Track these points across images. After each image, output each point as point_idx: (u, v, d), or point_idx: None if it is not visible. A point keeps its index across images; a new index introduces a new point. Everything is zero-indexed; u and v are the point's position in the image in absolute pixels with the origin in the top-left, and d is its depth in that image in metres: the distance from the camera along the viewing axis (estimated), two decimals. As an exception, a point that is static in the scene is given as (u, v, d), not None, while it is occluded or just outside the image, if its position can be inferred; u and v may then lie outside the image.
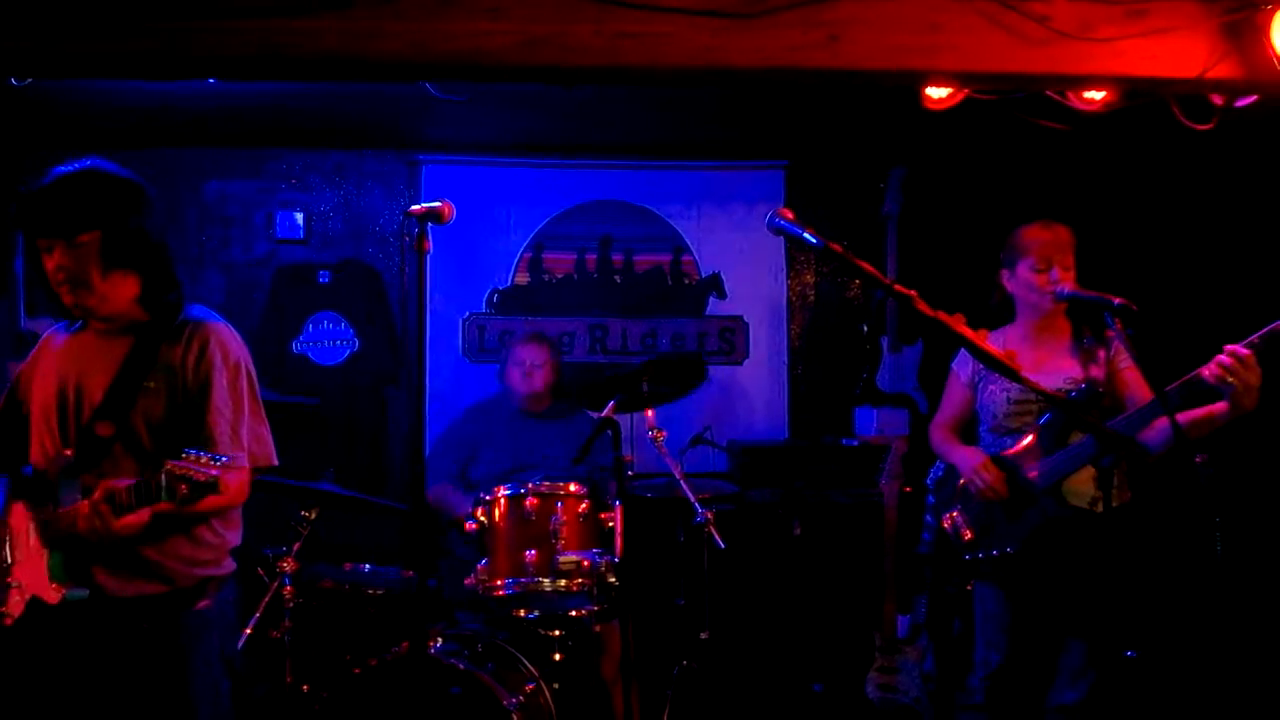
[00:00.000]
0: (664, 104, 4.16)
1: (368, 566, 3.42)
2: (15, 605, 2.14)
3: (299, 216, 4.62)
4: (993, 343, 2.52)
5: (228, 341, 2.27)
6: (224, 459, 1.97)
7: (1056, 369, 2.93)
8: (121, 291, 2.21)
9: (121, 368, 2.18)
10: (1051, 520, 2.84)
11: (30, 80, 3.04)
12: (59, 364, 2.26)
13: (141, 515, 2.03)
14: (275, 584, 3.14)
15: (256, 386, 2.32)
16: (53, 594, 2.10)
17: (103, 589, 2.13)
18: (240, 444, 2.23)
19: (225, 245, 4.61)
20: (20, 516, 2.18)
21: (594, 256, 4.77)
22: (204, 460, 1.95)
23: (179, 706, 2.17)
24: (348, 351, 4.59)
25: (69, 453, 2.14)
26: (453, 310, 4.65)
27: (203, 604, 2.23)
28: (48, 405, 2.22)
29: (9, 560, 2.16)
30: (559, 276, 4.76)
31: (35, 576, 2.12)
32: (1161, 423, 2.66)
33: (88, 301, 2.18)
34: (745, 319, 4.80)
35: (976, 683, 3.03)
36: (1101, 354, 2.90)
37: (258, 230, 4.64)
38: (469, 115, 4.18)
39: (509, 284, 4.72)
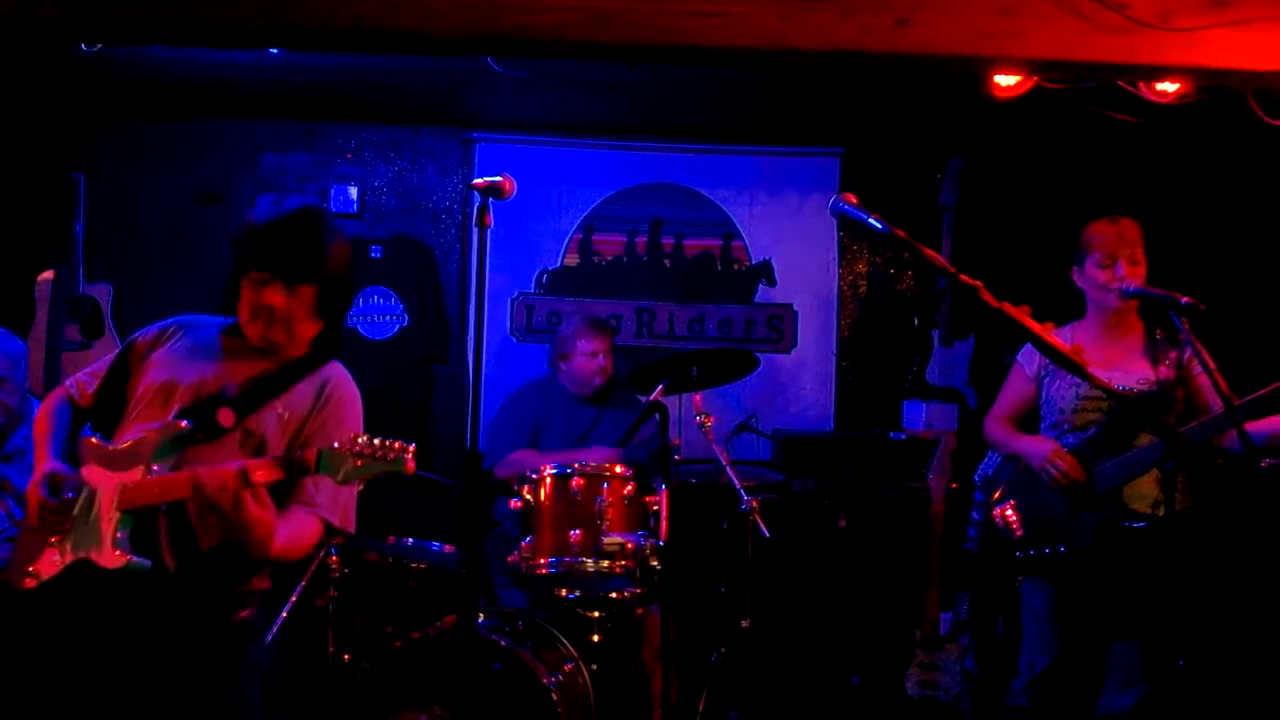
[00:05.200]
0: (720, 87, 4.12)
1: (410, 540, 3.44)
2: (47, 565, 2.06)
3: (353, 191, 4.65)
4: (1060, 338, 2.46)
5: (357, 409, 2.25)
6: (402, 442, 1.94)
7: (1129, 368, 2.85)
8: (308, 333, 2.23)
9: (260, 379, 2.16)
10: (1110, 523, 2.77)
11: (99, 46, 3.06)
12: (200, 356, 2.21)
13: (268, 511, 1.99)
14: (321, 553, 3.17)
15: None
16: (116, 559, 2.01)
17: (165, 569, 2.06)
18: (334, 501, 2.16)
19: (280, 217, 4.65)
20: (93, 476, 2.11)
21: (644, 239, 4.75)
22: (377, 442, 1.93)
23: (215, 711, 2.12)
24: (397, 327, 4.62)
25: (184, 424, 2.08)
26: (502, 290, 4.66)
27: (245, 613, 2.18)
28: (170, 389, 2.16)
29: (70, 512, 2.09)
30: (608, 259, 4.74)
31: (98, 535, 2.04)
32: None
33: (279, 338, 2.18)
34: (795, 307, 4.75)
35: (1020, 686, 2.97)
36: (1174, 355, 2.81)
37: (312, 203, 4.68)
38: (524, 95, 4.18)
39: (558, 265, 4.72)
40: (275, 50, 3.49)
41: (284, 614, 2.99)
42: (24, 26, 2.57)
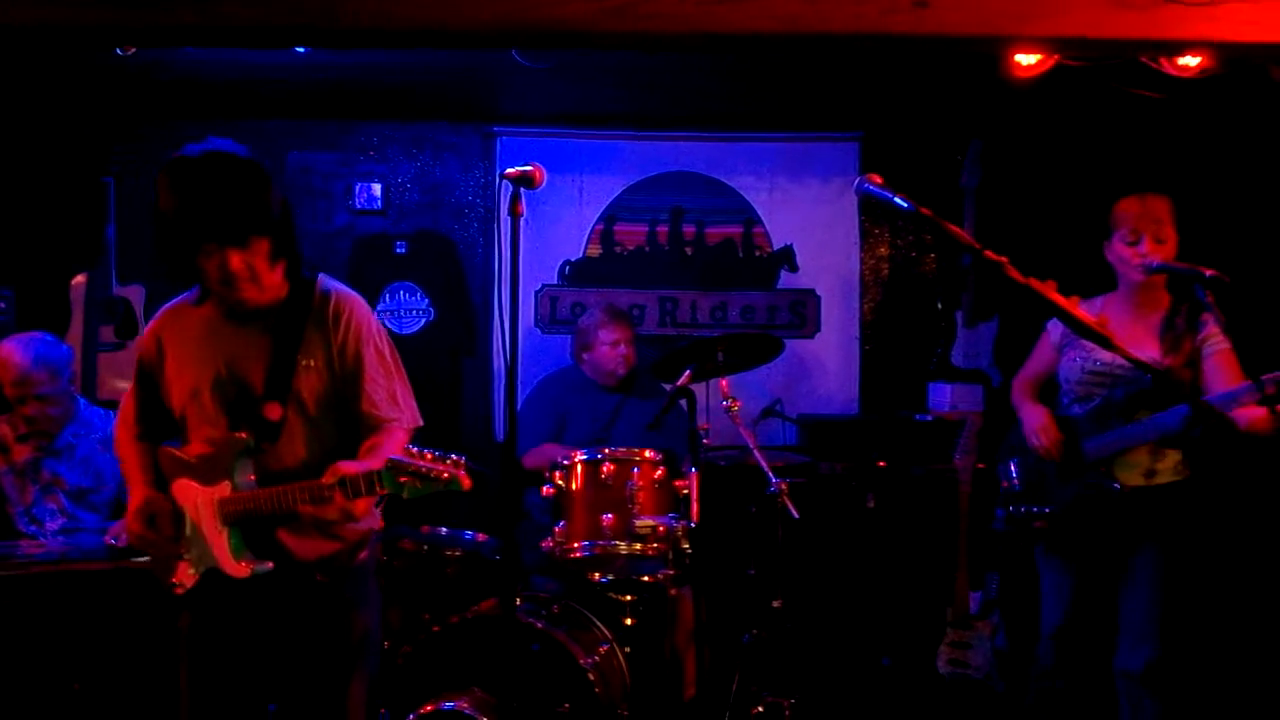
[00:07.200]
0: (738, 74, 4.14)
1: (444, 529, 3.49)
2: (186, 576, 2.23)
3: (377, 188, 4.71)
4: (1088, 310, 2.48)
5: (367, 312, 2.34)
6: (455, 457, 2.01)
7: (1141, 348, 2.89)
8: (278, 277, 2.24)
9: (274, 349, 2.21)
10: (1092, 490, 2.91)
11: (134, 50, 3.11)
12: (200, 347, 2.26)
13: (369, 501, 2.14)
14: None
15: (396, 352, 2.39)
16: (241, 569, 2.17)
17: (290, 554, 2.23)
18: (399, 407, 2.32)
19: (307, 216, 4.71)
20: (187, 492, 2.23)
21: (665, 228, 4.78)
22: (429, 456, 2.00)
23: (350, 647, 2.30)
24: (424, 321, 4.68)
25: (244, 435, 2.18)
26: (526, 282, 4.69)
27: (363, 554, 2.36)
28: (198, 389, 2.24)
29: (179, 534, 2.24)
30: (630, 249, 4.78)
31: (214, 552, 2.19)
32: (1250, 410, 2.61)
33: (253, 295, 2.19)
34: (817, 292, 4.78)
35: (1043, 647, 3.08)
36: (1188, 344, 2.86)
37: (338, 201, 4.74)
38: (543, 87, 4.21)
39: (581, 256, 4.76)
40: (301, 50, 3.54)
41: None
42: (72, 35, 2.63)
